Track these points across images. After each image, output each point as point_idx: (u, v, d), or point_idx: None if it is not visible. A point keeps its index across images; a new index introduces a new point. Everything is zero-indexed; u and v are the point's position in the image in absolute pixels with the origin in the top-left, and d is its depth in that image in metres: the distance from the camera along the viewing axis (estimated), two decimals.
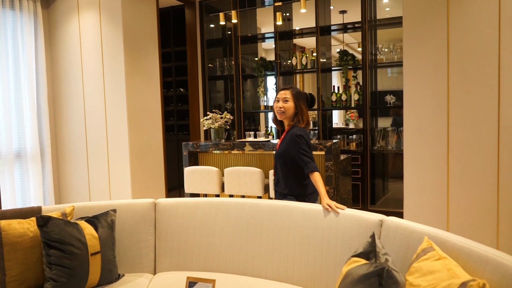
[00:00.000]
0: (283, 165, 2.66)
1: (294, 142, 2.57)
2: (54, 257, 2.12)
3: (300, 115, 2.66)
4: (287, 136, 2.66)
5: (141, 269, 2.53)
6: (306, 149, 2.55)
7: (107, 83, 4.54)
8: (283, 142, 2.69)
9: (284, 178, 2.67)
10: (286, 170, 2.65)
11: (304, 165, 2.53)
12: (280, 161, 2.68)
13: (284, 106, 2.65)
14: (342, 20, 5.88)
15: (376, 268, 1.47)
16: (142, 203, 2.62)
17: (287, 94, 2.66)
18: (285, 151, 2.63)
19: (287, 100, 2.66)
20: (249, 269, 2.39)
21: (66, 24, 4.72)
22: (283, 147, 2.66)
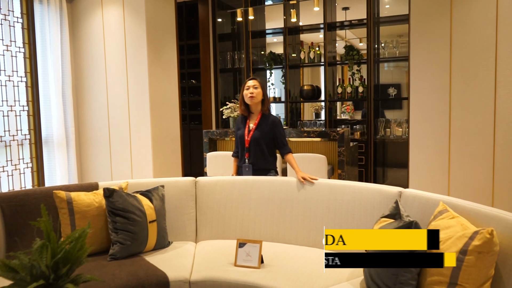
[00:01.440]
0: (265, 147, 3.07)
1: (279, 126, 3.08)
2: (119, 224, 2.46)
3: (266, 100, 3.12)
4: (264, 123, 3.07)
5: (185, 238, 2.87)
6: (284, 134, 3.11)
7: (130, 74, 4.84)
8: (261, 126, 3.07)
9: (265, 157, 3.09)
10: (268, 150, 3.09)
11: (284, 146, 3.08)
12: (264, 142, 3.06)
13: (254, 92, 3.06)
14: (344, 16, 6.24)
15: (406, 223, 1.84)
16: (184, 180, 2.97)
17: (256, 82, 3.09)
18: (267, 134, 3.06)
19: (256, 87, 3.07)
20: (281, 237, 2.76)
21: (90, 18, 4.98)
22: (266, 130, 3.06)
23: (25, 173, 3.85)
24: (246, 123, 3.13)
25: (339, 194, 2.63)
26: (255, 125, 3.10)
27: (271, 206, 2.82)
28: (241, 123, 3.17)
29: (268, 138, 3.07)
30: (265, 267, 2.31)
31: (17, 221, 2.42)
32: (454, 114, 3.62)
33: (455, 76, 3.60)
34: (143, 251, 2.55)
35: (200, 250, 2.67)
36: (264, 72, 6.31)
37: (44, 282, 1.37)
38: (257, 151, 3.08)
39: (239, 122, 3.20)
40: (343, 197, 2.60)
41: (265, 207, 2.83)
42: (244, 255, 2.33)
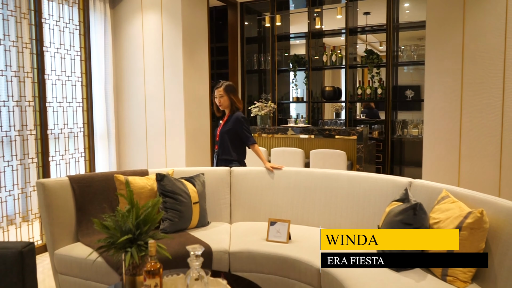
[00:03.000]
0: (229, 139, 3.52)
1: (239, 122, 3.50)
2: (169, 203, 2.91)
3: (234, 102, 3.55)
4: (231, 119, 3.53)
5: (221, 219, 3.31)
6: (247, 128, 3.51)
7: (166, 74, 5.30)
8: (227, 123, 3.54)
9: (231, 149, 3.55)
10: (232, 144, 3.54)
11: (247, 139, 3.50)
12: (228, 137, 3.52)
13: (220, 101, 3.54)
14: (365, 21, 6.59)
15: (411, 204, 2.23)
16: (221, 169, 3.41)
17: (220, 91, 3.53)
18: (232, 129, 3.51)
19: (222, 96, 3.53)
20: (305, 220, 3.16)
21: (130, 22, 5.46)
22: (229, 126, 3.52)
23: (79, 161, 4.35)
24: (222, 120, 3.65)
25: (357, 183, 3.01)
26: (223, 122, 3.59)
27: (296, 193, 3.22)
28: (219, 121, 3.67)
29: (232, 133, 3.52)
30: (293, 243, 2.73)
31: (84, 198, 2.90)
32: (465, 115, 3.95)
33: (466, 80, 3.93)
34: (188, 228, 2.99)
35: (235, 229, 3.10)
36: (288, 73, 6.71)
37: (131, 236, 1.81)
38: (222, 144, 3.57)
39: (218, 120, 3.70)
40: (360, 186, 2.99)
41: (291, 194, 3.24)
42: (275, 232, 2.75)
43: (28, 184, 3.79)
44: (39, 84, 3.82)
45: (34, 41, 3.77)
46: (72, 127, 4.27)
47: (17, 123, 3.66)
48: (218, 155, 3.62)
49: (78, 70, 4.31)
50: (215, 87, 3.58)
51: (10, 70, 3.58)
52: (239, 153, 3.62)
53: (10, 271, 1.93)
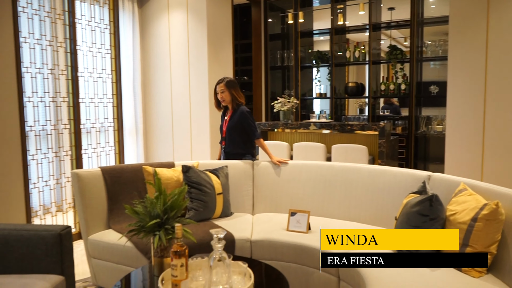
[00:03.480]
0: (237, 134, 3.58)
1: (244, 116, 3.55)
2: (194, 194, 3.05)
3: (236, 98, 3.57)
4: (236, 114, 3.57)
5: (244, 210, 3.43)
6: (252, 122, 3.58)
7: (191, 71, 5.46)
8: (233, 118, 3.58)
9: (238, 143, 3.61)
10: (240, 138, 3.59)
11: (253, 133, 3.56)
12: (236, 132, 3.57)
13: (222, 96, 3.57)
14: (390, 16, 6.55)
15: (428, 195, 2.28)
16: (244, 163, 3.53)
17: (222, 87, 3.56)
18: (238, 124, 3.55)
19: (223, 91, 3.56)
20: (325, 212, 3.24)
21: (157, 21, 5.65)
22: (235, 121, 3.56)
23: (109, 154, 4.57)
24: (226, 115, 3.71)
25: (376, 176, 3.08)
26: (228, 118, 3.65)
27: (317, 186, 3.31)
28: (222, 116, 3.74)
29: (239, 128, 3.57)
30: (312, 233, 2.82)
31: (115, 188, 3.08)
32: (488, 111, 3.93)
33: (490, 76, 3.90)
34: (212, 217, 3.13)
35: (257, 219, 3.22)
36: (311, 70, 6.77)
37: (159, 220, 1.95)
38: (230, 139, 3.62)
39: (222, 115, 3.76)
40: (379, 179, 3.05)
41: (312, 187, 3.32)
42: (295, 222, 2.85)
43: (62, 175, 4.02)
44: (72, 81, 4.03)
45: (68, 40, 3.98)
46: (103, 121, 4.49)
47: (52, 118, 3.89)
48: (227, 150, 3.68)
49: (108, 68, 4.52)
50: (217, 83, 3.64)
51: (46, 68, 3.80)
52: (250, 146, 3.70)
53: (50, 252, 2.11)
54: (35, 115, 3.72)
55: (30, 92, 3.65)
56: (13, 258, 2.12)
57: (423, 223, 2.27)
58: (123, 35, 5.21)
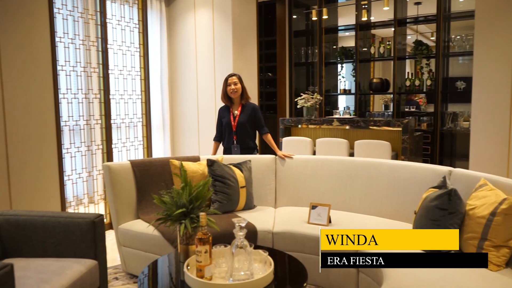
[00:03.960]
0: (249, 129, 3.74)
1: (257, 112, 3.75)
2: (218, 187, 3.17)
3: (245, 92, 3.75)
4: (246, 110, 3.72)
5: (266, 204, 3.53)
6: (262, 117, 3.80)
7: (217, 68, 5.58)
8: (244, 113, 3.71)
9: (250, 137, 3.78)
10: (251, 132, 3.76)
11: (262, 127, 3.76)
12: (247, 127, 3.72)
13: (235, 88, 3.67)
14: (416, 11, 6.48)
15: (446, 190, 2.31)
16: (267, 157, 3.62)
17: (235, 79, 3.71)
18: (250, 119, 3.71)
19: (236, 83, 3.69)
20: (346, 207, 3.30)
21: (184, 19, 5.79)
22: (247, 116, 3.70)
23: (138, 149, 4.76)
24: (230, 112, 3.78)
25: (398, 172, 3.11)
26: (239, 112, 3.73)
27: (338, 181, 3.37)
28: (225, 112, 3.79)
29: (251, 122, 3.73)
30: (332, 225, 2.89)
31: (144, 180, 3.23)
32: None
33: None
34: (235, 210, 3.24)
35: (279, 212, 3.31)
36: (336, 66, 6.77)
37: (184, 210, 2.07)
38: (243, 133, 3.74)
39: (223, 111, 3.82)
40: (400, 175, 3.08)
41: (333, 181, 3.38)
42: (316, 215, 2.92)
43: (94, 168, 4.22)
44: (103, 78, 4.22)
45: (100, 39, 4.17)
46: (132, 117, 4.67)
47: (85, 114, 4.09)
48: (241, 145, 3.76)
49: (137, 65, 4.70)
50: (229, 76, 3.76)
51: (79, 66, 4.00)
52: (255, 141, 3.88)
53: (85, 237, 2.27)
54: (69, 111, 3.92)
55: (65, 89, 3.86)
56: (51, 242, 2.29)
57: (442, 217, 2.30)
58: (151, 34, 5.37)
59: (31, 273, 2.02)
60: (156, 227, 2.82)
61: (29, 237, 2.31)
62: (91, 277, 2.22)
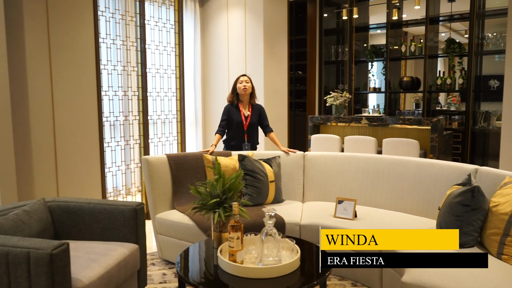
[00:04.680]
0: (256, 128, 4.00)
1: (264, 112, 4.05)
2: (249, 181, 3.33)
3: (254, 92, 4.00)
4: (255, 110, 3.97)
5: (294, 198, 3.67)
6: (267, 117, 4.04)
7: (248, 66, 5.75)
8: (254, 114, 3.95)
9: (256, 137, 4.04)
10: (257, 131, 4.02)
11: (267, 126, 4.00)
12: (255, 126, 3.99)
13: (246, 86, 3.89)
14: (450, 8, 6.40)
15: (470, 187, 2.38)
16: (296, 154, 3.75)
17: (246, 78, 3.95)
18: (258, 119, 3.98)
19: (248, 82, 3.93)
20: (372, 202, 3.39)
21: (217, 19, 5.98)
22: (256, 117, 3.97)
23: (172, 144, 5.00)
24: (239, 110, 3.94)
25: (424, 169, 3.17)
26: (250, 113, 3.94)
27: (365, 177, 3.46)
28: (234, 109, 3.95)
29: (258, 123, 4.01)
30: (358, 220, 3.00)
31: (179, 173, 3.44)
32: None
33: None
34: (264, 203, 3.40)
35: (306, 207, 3.44)
36: (366, 64, 6.81)
37: (218, 200, 2.25)
38: (253, 132, 3.98)
39: (231, 109, 3.96)
40: (426, 172, 3.14)
41: (360, 178, 3.48)
42: (342, 209, 3.04)
43: (132, 161, 4.48)
44: (142, 77, 4.47)
45: (139, 40, 4.41)
46: (167, 114, 4.91)
47: (125, 110, 4.35)
48: (252, 143, 3.98)
49: (173, 64, 4.93)
50: (241, 75, 4.01)
51: (120, 65, 4.26)
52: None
53: (127, 223, 2.48)
54: (110, 107, 4.19)
55: (106, 87, 4.12)
56: (97, 227, 2.52)
57: (465, 213, 2.37)
58: (185, 33, 5.59)
59: (80, 253, 2.25)
60: (191, 217, 3.03)
61: (77, 222, 2.55)
62: (133, 259, 2.43)
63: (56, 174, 3.60)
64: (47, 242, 1.86)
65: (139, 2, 4.39)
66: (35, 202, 2.47)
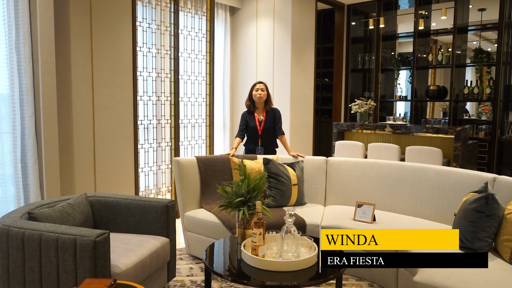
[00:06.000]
0: (271, 133, 4.11)
1: (280, 116, 4.16)
2: (272, 183, 3.51)
3: (270, 99, 4.13)
4: (270, 114, 4.10)
5: (316, 201, 3.81)
6: (281, 120, 4.16)
7: (275, 74, 5.94)
8: (268, 119, 4.08)
9: (272, 141, 4.17)
10: (273, 135, 4.14)
11: (279, 128, 4.12)
12: (271, 130, 4.10)
13: (262, 94, 4.03)
14: (480, 17, 6.39)
15: (484, 194, 2.47)
16: (318, 159, 3.90)
17: (262, 86, 4.08)
18: (272, 123, 4.10)
19: (263, 90, 4.06)
20: (393, 207, 3.50)
21: (246, 28, 6.21)
22: (271, 121, 4.10)
23: (201, 147, 5.24)
24: (254, 116, 4.10)
25: (443, 177, 3.26)
26: (264, 118, 4.08)
27: (386, 183, 3.57)
28: (250, 115, 4.12)
29: (273, 127, 4.12)
30: (377, 223, 3.12)
31: (207, 174, 3.65)
32: None
33: None
34: (287, 205, 3.56)
35: (327, 210, 3.58)
36: (393, 72, 6.87)
37: (243, 198, 2.44)
38: (267, 137, 4.11)
39: (247, 114, 4.15)
40: (446, 179, 3.23)
41: (380, 183, 3.59)
42: (361, 213, 3.17)
43: (163, 162, 4.74)
44: (175, 83, 4.73)
45: (173, 48, 4.68)
46: (197, 118, 5.15)
47: (158, 114, 4.62)
48: (265, 147, 4.10)
49: (204, 71, 5.17)
50: (257, 82, 4.15)
51: (154, 72, 4.54)
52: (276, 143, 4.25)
53: (160, 218, 2.71)
54: (144, 111, 4.46)
55: (142, 92, 4.40)
56: (133, 221, 2.76)
57: (479, 219, 2.47)
58: (216, 42, 5.84)
59: (117, 243, 2.48)
60: (217, 215, 3.23)
61: (115, 215, 2.79)
62: (164, 252, 2.65)
63: (94, 172, 3.89)
64: (91, 231, 2.10)
65: (174, 12, 4.66)
66: (78, 196, 2.73)
